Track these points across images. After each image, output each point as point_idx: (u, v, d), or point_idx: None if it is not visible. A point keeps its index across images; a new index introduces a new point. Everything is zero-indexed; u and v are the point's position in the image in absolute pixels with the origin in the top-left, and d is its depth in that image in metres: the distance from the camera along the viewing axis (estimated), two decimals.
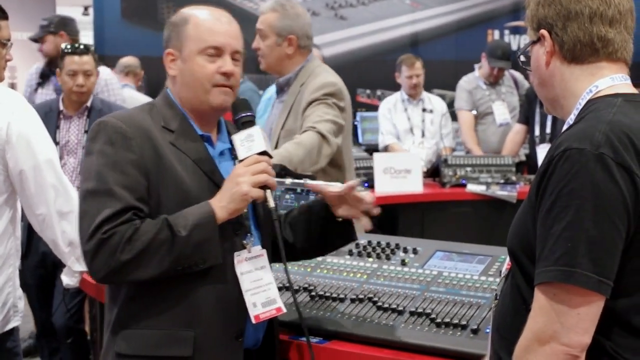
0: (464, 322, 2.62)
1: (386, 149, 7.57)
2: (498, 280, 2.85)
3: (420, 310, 2.72)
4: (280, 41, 4.29)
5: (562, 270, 1.78)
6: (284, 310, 2.60)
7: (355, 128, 9.16)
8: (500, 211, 6.44)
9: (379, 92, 9.54)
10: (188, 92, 2.61)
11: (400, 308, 2.76)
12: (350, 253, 3.16)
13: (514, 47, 11.13)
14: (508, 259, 2.13)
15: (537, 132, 7.03)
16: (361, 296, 2.86)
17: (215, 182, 2.55)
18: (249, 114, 2.60)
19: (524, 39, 11.39)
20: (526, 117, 7.20)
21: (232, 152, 2.66)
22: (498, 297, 2.12)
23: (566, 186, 1.80)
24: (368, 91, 10.78)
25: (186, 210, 2.46)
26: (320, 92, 4.18)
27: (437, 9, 11.37)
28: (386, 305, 2.78)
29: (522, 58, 2.20)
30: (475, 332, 2.57)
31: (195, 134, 2.61)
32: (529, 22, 2.11)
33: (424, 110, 7.65)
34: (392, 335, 2.65)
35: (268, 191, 2.51)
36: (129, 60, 8.30)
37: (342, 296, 2.88)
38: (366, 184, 6.53)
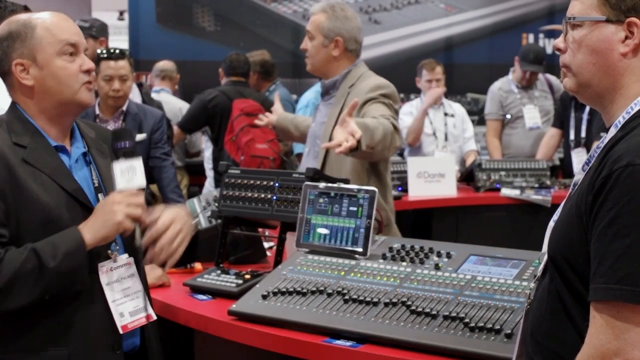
0: (497, 327, 2.61)
1: (407, 138, 7.47)
2: (532, 284, 2.84)
3: (454, 314, 2.72)
4: (327, 42, 4.29)
5: (629, 290, 1.75)
6: (154, 317, 2.62)
7: None
8: (535, 215, 6.41)
9: (412, 96, 9.50)
10: (51, 97, 2.55)
11: (434, 312, 2.75)
12: (384, 257, 3.16)
13: (549, 51, 11.06)
14: (540, 262, 2.10)
15: (572, 136, 7.00)
16: (395, 300, 2.86)
17: (73, 195, 2.51)
18: (131, 144, 2.56)
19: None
20: (561, 122, 7.17)
21: (85, 157, 2.64)
22: (531, 300, 2.10)
23: (629, 203, 1.77)
24: (402, 95, 10.74)
25: (54, 237, 2.42)
26: (378, 92, 4.17)
27: (472, 13, 11.32)
28: (420, 310, 2.78)
29: (571, 20, 2.02)
30: (509, 336, 2.56)
31: (49, 146, 2.56)
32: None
33: (445, 114, 7.63)
34: (426, 340, 2.64)
35: (137, 227, 2.51)
36: (164, 64, 8.34)
37: (375, 300, 2.88)
38: (400, 188, 6.53)
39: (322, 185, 3.35)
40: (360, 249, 3.21)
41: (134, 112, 5.36)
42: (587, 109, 6.80)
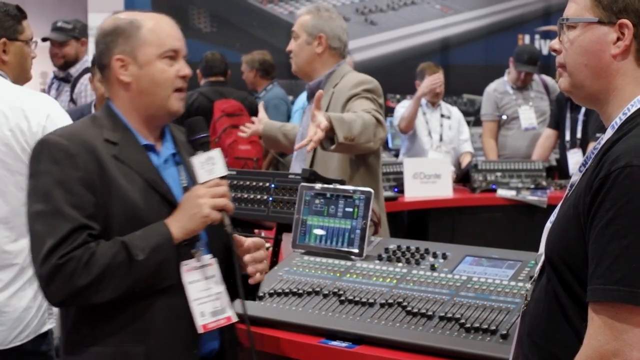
0: (493, 327, 2.62)
1: (400, 125, 7.48)
2: (528, 285, 2.84)
3: (449, 315, 2.72)
4: (311, 40, 4.31)
5: (626, 291, 1.76)
6: (235, 319, 2.60)
7: None
8: (531, 216, 6.42)
9: (408, 97, 9.51)
10: (145, 98, 2.58)
11: (430, 313, 2.76)
12: (380, 258, 3.17)
13: (544, 52, 11.08)
14: (537, 263, 2.10)
15: (567, 137, 7.01)
16: (390, 301, 2.86)
17: (160, 192, 2.53)
18: (205, 134, 2.58)
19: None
20: (556, 122, 7.18)
21: (175, 157, 2.65)
22: (528, 301, 2.10)
23: (627, 204, 1.77)
24: (398, 96, 10.75)
25: (142, 231, 2.44)
26: (360, 88, 4.19)
27: (468, 14, 11.34)
28: (415, 310, 2.78)
29: (564, 21, 2.03)
30: (504, 337, 2.56)
31: (138, 145, 2.58)
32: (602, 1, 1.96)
33: (442, 116, 7.65)
34: (422, 340, 2.65)
35: (226, 216, 2.51)
36: None
37: (371, 301, 2.88)
38: (396, 189, 6.53)
39: (318, 186, 3.35)
40: (356, 250, 3.21)
41: None
42: (583, 109, 6.81)
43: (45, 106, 3.20)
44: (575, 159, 6.78)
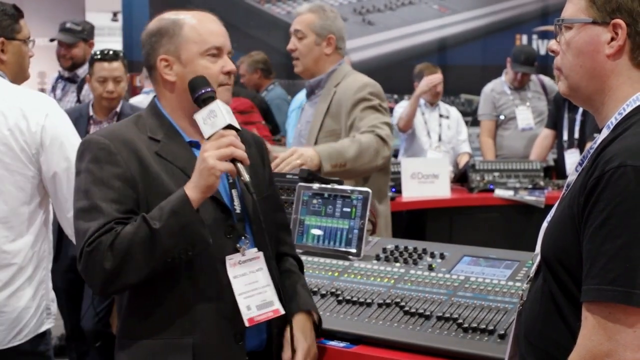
0: (491, 327, 2.62)
1: (399, 123, 7.51)
2: (526, 285, 2.85)
3: (447, 315, 2.73)
4: (320, 41, 4.32)
5: (620, 291, 1.75)
6: (282, 312, 2.59)
7: None
8: (528, 216, 6.42)
9: (406, 97, 9.51)
10: (190, 95, 2.57)
11: (428, 313, 2.76)
12: (378, 258, 3.17)
13: (542, 52, 11.08)
14: (533, 263, 2.11)
15: (565, 137, 7.02)
16: (388, 301, 2.86)
17: None
18: (208, 89, 2.55)
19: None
20: (554, 122, 7.19)
21: None
22: (524, 301, 2.11)
23: (620, 204, 1.77)
24: (395, 96, 10.76)
25: (164, 201, 2.44)
26: (366, 91, 4.22)
27: (465, 14, 11.34)
28: (413, 310, 2.78)
29: (560, 22, 2.03)
30: (502, 337, 2.57)
31: (183, 141, 2.61)
32: (599, 0, 1.96)
33: (440, 115, 7.66)
34: (419, 340, 2.65)
35: (240, 165, 2.46)
36: None
37: (369, 301, 2.88)
38: (393, 189, 6.54)
39: (315, 186, 3.36)
40: (354, 250, 3.22)
41: (128, 112, 5.35)
42: (581, 109, 6.82)
43: (44, 105, 3.20)
44: (572, 159, 6.79)
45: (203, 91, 2.55)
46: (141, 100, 7.74)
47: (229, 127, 2.50)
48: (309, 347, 2.64)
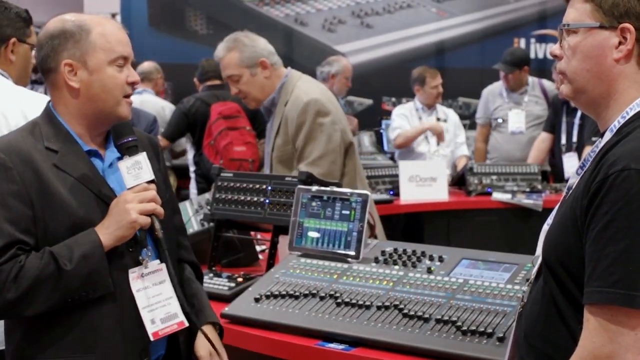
0: (490, 330, 2.62)
1: (396, 141, 7.54)
2: (524, 288, 2.85)
3: (446, 318, 2.72)
4: (255, 70, 4.32)
5: (623, 294, 1.76)
6: (186, 324, 2.58)
7: (380, 136, 9.16)
8: (526, 220, 6.43)
9: (404, 100, 9.52)
10: (94, 104, 2.53)
11: (426, 316, 2.76)
12: (377, 260, 3.17)
13: (540, 56, 11.08)
14: (534, 265, 2.11)
15: (563, 140, 7.02)
16: (387, 304, 2.86)
17: (104, 199, 2.50)
18: (132, 138, 2.55)
19: (550, 48, 11.32)
20: (552, 126, 7.19)
21: (119, 160, 2.61)
22: (525, 303, 2.11)
23: (624, 207, 1.77)
24: (393, 99, 10.77)
25: (71, 239, 2.41)
26: (309, 115, 4.25)
27: (463, 17, 11.34)
28: (412, 313, 2.78)
29: (565, 26, 2.02)
30: (501, 340, 2.57)
31: (81, 151, 2.54)
32: (606, 4, 1.96)
33: (438, 119, 7.67)
34: (418, 343, 2.65)
35: (156, 220, 2.49)
36: (144, 66, 8.34)
37: (368, 303, 2.88)
38: (391, 192, 6.54)
39: (314, 188, 3.36)
40: (352, 253, 3.21)
41: None
42: (579, 113, 6.82)
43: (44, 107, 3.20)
44: (570, 162, 6.79)
45: (130, 139, 2.55)
46: (132, 100, 7.75)
47: (152, 181, 2.52)
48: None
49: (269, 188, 3.57)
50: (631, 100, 1.95)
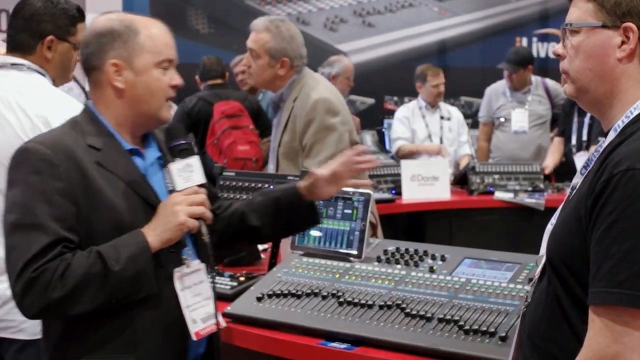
0: (492, 330, 2.62)
1: (397, 153, 7.56)
2: (527, 287, 2.85)
3: (448, 317, 2.72)
4: (274, 63, 4.30)
5: (628, 294, 1.75)
6: (223, 325, 2.60)
7: (382, 135, 9.16)
8: (528, 219, 6.43)
9: (406, 99, 9.52)
10: (138, 105, 2.53)
11: (429, 315, 2.76)
12: (379, 260, 3.17)
13: (542, 55, 11.08)
14: (538, 265, 2.10)
15: (573, 141, 7.01)
16: (389, 303, 2.86)
17: (146, 199, 2.49)
18: (185, 141, 2.55)
19: (553, 47, 11.32)
20: (563, 130, 7.19)
21: (160, 161, 2.62)
22: (529, 302, 2.10)
23: (629, 207, 1.76)
24: (395, 98, 10.77)
25: (118, 240, 2.40)
26: (318, 112, 4.23)
27: (465, 17, 11.34)
28: (414, 312, 2.78)
29: (568, 26, 2.02)
30: (503, 339, 2.57)
31: (123, 150, 2.53)
32: (609, 3, 1.95)
33: (441, 117, 7.66)
34: (420, 342, 2.65)
35: (203, 224, 2.48)
36: None
37: (370, 303, 2.88)
38: (393, 191, 6.54)
39: None
40: (354, 252, 3.21)
41: None
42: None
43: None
44: (582, 162, 6.78)
45: (182, 142, 2.55)
46: None
47: (202, 185, 2.52)
48: None
49: (271, 187, 3.57)
50: (635, 99, 1.94)
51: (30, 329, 3.07)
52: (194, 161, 2.52)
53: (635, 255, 1.75)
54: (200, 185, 2.51)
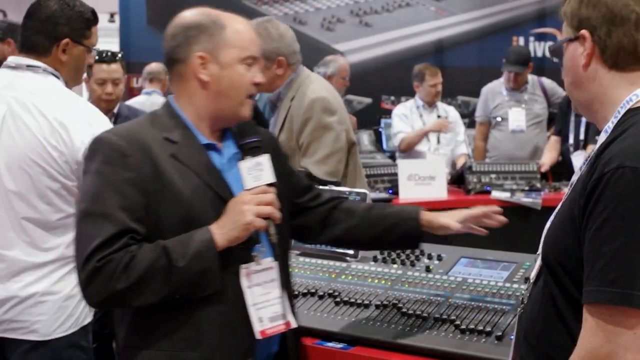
0: (488, 329, 2.62)
1: (400, 145, 7.55)
2: (523, 287, 2.85)
3: (444, 316, 2.73)
4: (270, 65, 4.28)
5: (619, 293, 1.75)
6: (294, 325, 2.55)
7: (379, 134, 9.16)
8: (525, 218, 6.41)
9: (403, 99, 9.52)
10: (220, 99, 2.53)
11: (425, 314, 2.76)
12: (375, 259, 3.17)
13: (539, 54, 11.09)
14: (536, 265, 2.11)
15: (570, 140, 7.02)
16: (386, 302, 2.86)
17: (219, 194, 2.48)
18: (256, 139, 2.54)
19: (550, 46, 11.36)
20: (560, 130, 7.20)
21: (237, 156, 2.59)
22: (525, 303, 2.11)
23: (620, 205, 1.77)
24: (392, 98, 10.78)
25: (186, 236, 2.39)
26: (315, 111, 4.24)
27: (462, 16, 11.35)
28: (411, 312, 2.78)
29: (552, 50, 2.15)
30: (499, 338, 2.57)
31: (199, 144, 2.53)
32: (567, 19, 2.04)
33: (438, 117, 7.67)
34: (417, 342, 2.65)
35: (271, 224, 2.45)
36: (152, 67, 8.33)
37: (366, 302, 2.88)
38: (390, 191, 6.54)
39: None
40: (351, 252, 3.22)
41: (125, 114, 5.34)
42: None
43: (88, 123, 3.13)
44: (579, 161, 6.79)
45: (254, 139, 2.54)
46: (143, 102, 7.72)
47: (271, 184, 2.49)
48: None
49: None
50: (619, 99, 1.97)
51: (43, 330, 3.07)
52: (264, 160, 2.50)
53: (626, 254, 1.75)
54: (271, 184, 2.49)
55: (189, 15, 2.58)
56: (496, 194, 6.61)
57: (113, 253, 2.32)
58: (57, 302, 3.10)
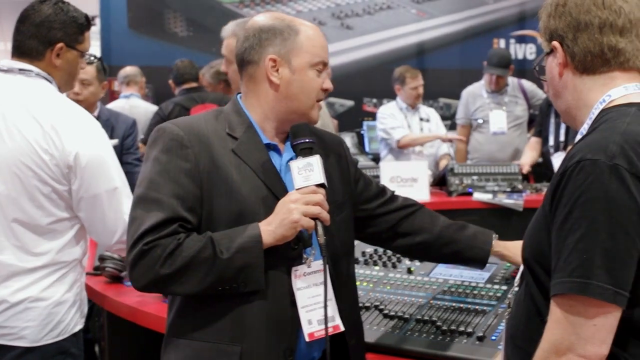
0: (469, 330, 2.63)
1: (400, 142, 7.53)
2: (504, 287, 2.86)
3: (426, 317, 2.73)
4: None
5: (578, 282, 1.77)
6: (342, 328, 2.52)
7: (361, 137, 9.17)
8: (507, 220, 6.44)
9: (385, 101, 9.54)
10: (290, 103, 2.54)
11: (407, 316, 2.77)
12: (357, 261, 3.17)
13: (520, 56, 11.14)
14: (516, 267, 2.12)
15: (551, 141, 7.05)
16: (367, 304, 2.87)
17: (275, 193, 2.48)
18: (309, 140, 2.53)
19: (530, 48, 11.41)
20: (540, 131, 7.23)
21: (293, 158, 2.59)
22: (511, 306, 2.12)
23: (580, 197, 1.79)
24: (374, 100, 10.80)
25: (234, 230, 2.40)
26: None
27: (443, 18, 11.38)
28: (392, 313, 2.79)
29: (537, 69, 2.22)
30: (481, 339, 2.58)
31: (260, 143, 2.54)
32: (542, 34, 2.10)
33: (421, 119, 7.68)
34: (398, 343, 2.66)
35: (320, 225, 2.44)
36: (127, 70, 8.29)
37: None
38: None
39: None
40: None
41: (106, 117, 5.33)
42: None
43: (80, 127, 3.12)
44: (559, 162, 6.82)
45: (307, 140, 2.53)
46: (122, 105, 7.69)
47: (321, 185, 2.48)
48: None
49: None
50: (595, 102, 2.02)
51: (31, 336, 3.06)
52: (315, 160, 2.49)
53: (585, 244, 1.78)
54: (320, 185, 2.47)
55: (262, 18, 2.61)
56: (478, 196, 6.63)
57: (161, 238, 2.35)
58: (46, 309, 3.08)
